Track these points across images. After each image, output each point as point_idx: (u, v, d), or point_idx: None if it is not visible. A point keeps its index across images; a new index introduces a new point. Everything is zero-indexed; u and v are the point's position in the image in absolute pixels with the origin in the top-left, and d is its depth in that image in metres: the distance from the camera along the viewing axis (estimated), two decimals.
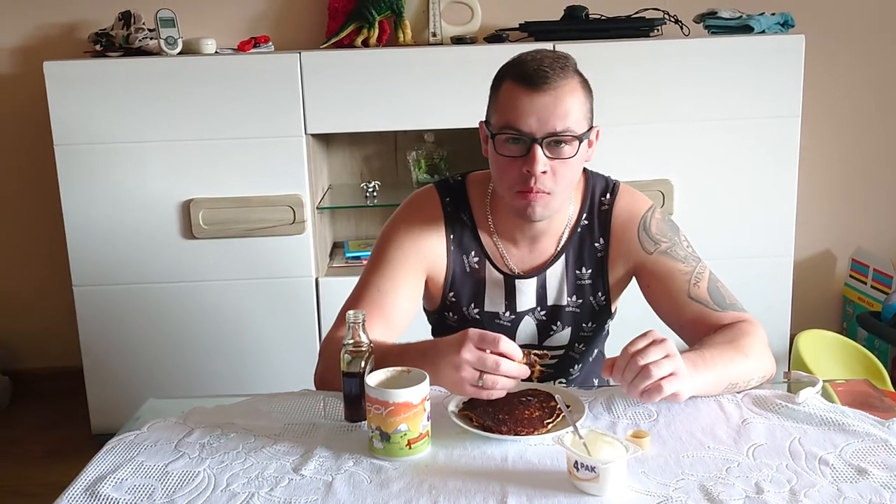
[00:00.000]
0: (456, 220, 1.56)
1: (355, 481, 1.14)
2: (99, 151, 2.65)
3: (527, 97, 1.37)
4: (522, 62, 1.41)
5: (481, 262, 1.56)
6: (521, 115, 1.38)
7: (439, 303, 1.60)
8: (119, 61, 2.66)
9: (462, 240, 1.56)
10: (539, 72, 1.37)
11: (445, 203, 1.57)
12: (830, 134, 3.24)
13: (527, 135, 1.38)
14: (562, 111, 1.37)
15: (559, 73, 1.38)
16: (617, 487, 1.09)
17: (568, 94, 1.38)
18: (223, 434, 1.29)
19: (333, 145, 3.10)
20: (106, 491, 1.14)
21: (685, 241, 1.54)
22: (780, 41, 2.71)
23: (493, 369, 1.23)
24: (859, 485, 1.10)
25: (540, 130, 1.37)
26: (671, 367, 1.21)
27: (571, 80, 1.40)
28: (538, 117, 1.37)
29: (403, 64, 2.66)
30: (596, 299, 1.57)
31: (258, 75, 2.63)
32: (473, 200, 1.57)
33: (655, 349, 1.22)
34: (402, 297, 1.51)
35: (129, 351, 2.78)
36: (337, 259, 2.99)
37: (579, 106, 1.40)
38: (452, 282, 1.57)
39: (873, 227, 3.36)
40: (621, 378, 1.23)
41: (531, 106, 1.37)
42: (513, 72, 1.41)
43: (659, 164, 2.73)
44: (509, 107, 1.39)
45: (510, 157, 1.41)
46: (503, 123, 1.40)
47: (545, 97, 1.37)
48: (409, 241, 1.53)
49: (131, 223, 2.69)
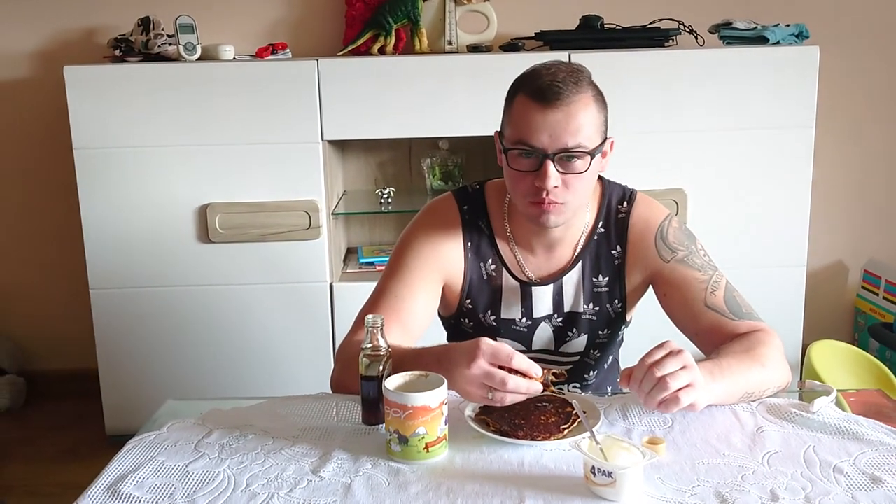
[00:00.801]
0: (473, 228, 1.57)
1: (373, 483, 1.16)
2: (117, 155, 2.68)
3: (539, 113, 1.38)
4: (536, 76, 1.41)
5: (498, 269, 1.57)
6: (533, 131, 1.38)
7: (455, 309, 1.61)
8: (138, 66, 2.69)
9: (479, 247, 1.57)
10: (552, 87, 1.37)
11: (463, 211, 1.58)
12: (844, 145, 3.24)
13: (539, 150, 1.39)
14: (574, 127, 1.38)
15: (572, 89, 1.38)
16: (633, 493, 1.10)
17: (581, 109, 1.39)
18: (242, 435, 1.31)
19: (349, 152, 3.13)
20: (128, 490, 1.15)
21: (702, 251, 1.55)
22: (794, 52, 2.72)
23: (500, 387, 1.22)
24: (874, 493, 1.11)
25: (552, 146, 1.38)
26: (688, 379, 1.22)
27: (585, 94, 1.40)
28: (550, 133, 1.38)
29: (419, 72, 2.69)
30: (613, 307, 1.58)
31: (275, 82, 2.65)
32: (491, 208, 1.59)
33: (672, 360, 1.22)
34: (419, 304, 1.53)
35: (144, 354, 2.80)
36: (351, 265, 3.01)
37: (592, 120, 1.41)
38: (469, 289, 1.58)
39: (886, 238, 3.35)
40: (638, 389, 1.24)
41: (543, 122, 1.38)
42: (526, 86, 1.41)
43: (673, 173, 2.74)
44: (522, 122, 1.40)
45: (523, 172, 1.42)
46: (516, 138, 1.41)
47: (557, 113, 1.37)
48: (426, 248, 1.55)
49: (148, 227, 2.72)
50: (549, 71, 1.41)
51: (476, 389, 1.25)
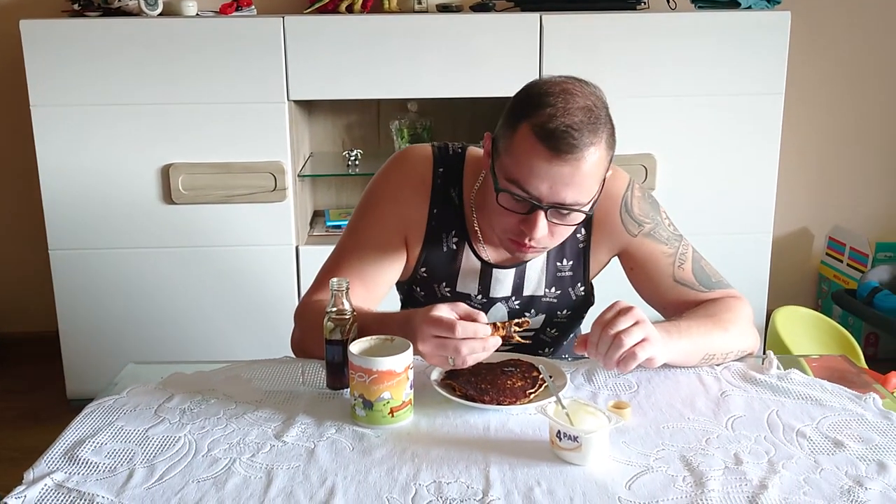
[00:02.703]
0: (443, 196, 1.48)
1: (337, 448, 1.14)
2: (77, 113, 2.61)
3: (545, 161, 1.23)
4: (549, 110, 1.23)
5: (460, 243, 1.49)
6: (532, 179, 1.25)
7: (409, 276, 1.54)
8: (98, 21, 2.61)
9: (446, 218, 1.48)
10: (567, 135, 1.22)
11: (437, 174, 1.48)
12: (811, 112, 3.26)
13: (534, 198, 1.26)
14: (577, 182, 1.25)
15: (587, 139, 1.23)
16: (599, 457, 1.10)
17: (590, 162, 1.25)
18: (204, 400, 1.29)
19: (315, 113, 3.07)
20: (85, 455, 1.13)
21: (667, 220, 1.50)
22: (766, 17, 2.71)
23: (454, 354, 1.20)
24: (836, 457, 1.12)
25: (548, 198, 1.26)
26: (642, 334, 1.21)
27: (598, 144, 1.25)
28: (551, 185, 1.25)
29: (388, 31, 2.63)
30: (575, 290, 1.54)
31: (240, 39, 2.59)
32: (467, 178, 1.48)
33: (624, 318, 1.22)
34: (383, 264, 1.48)
35: (106, 316, 2.76)
36: (317, 227, 2.98)
37: (598, 171, 1.28)
38: (427, 257, 1.51)
39: (850, 205, 3.39)
40: (595, 352, 1.23)
41: (547, 171, 1.24)
42: (536, 118, 1.24)
43: (642, 138, 2.73)
44: (523, 162, 1.25)
45: (509, 212, 1.31)
46: (512, 177, 1.27)
47: (564, 167, 1.23)
48: (392, 206, 1.48)
49: (109, 187, 2.66)
50: (565, 108, 1.23)
51: (435, 361, 1.24)
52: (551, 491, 1.04)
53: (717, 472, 1.08)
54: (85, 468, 1.10)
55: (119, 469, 1.10)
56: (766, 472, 1.08)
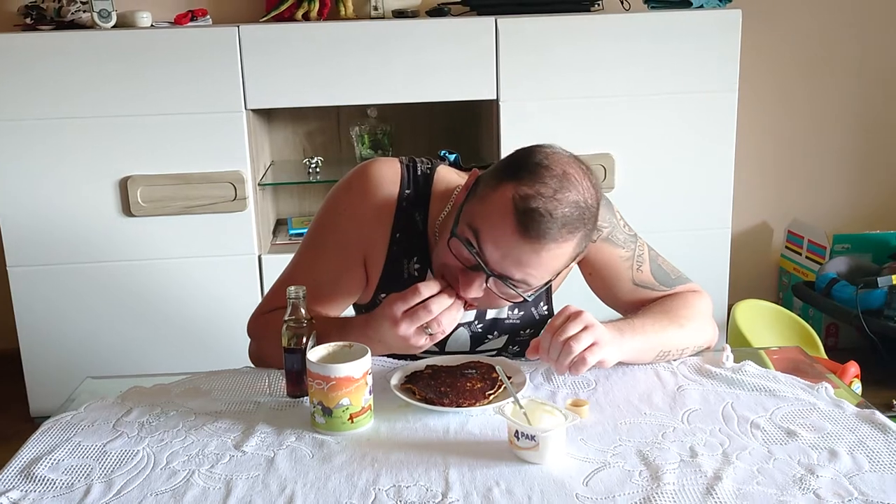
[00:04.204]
0: (407, 220, 1.41)
1: (297, 456, 1.14)
2: (31, 128, 2.58)
3: (511, 234, 1.18)
4: (537, 190, 1.17)
5: (422, 270, 1.43)
6: (491, 242, 1.20)
7: (369, 300, 1.48)
8: (51, 35, 2.58)
9: (408, 243, 1.42)
10: (542, 221, 1.16)
11: (403, 196, 1.40)
12: (766, 108, 3.31)
13: (484, 260, 1.21)
14: (533, 266, 1.20)
15: (561, 234, 1.18)
16: (556, 455, 1.11)
17: (553, 258, 1.20)
18: (163, 413, 1.28)
19: (275, 121, 3.07)
20: (42, 472, 1.12)
21: (622, 221, 1.48)
22: (717, 15, 2.75)
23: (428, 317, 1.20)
24: (788, 446, 1.13)
25: (498, 267, 1.21)
26: (591, 338, 1.22)
27: (570, 241, 1.20)
28: (505, 256, 1.20)
29: (345, 38, 2.64)
30: (538, 309, 1.51)
31: (196, 49, 2.58)
32: (433, 202, 1.41)
33: (573, 323, 1.23)
34: (340, 283, 1.43)
35: (68, 332, 2.73)
36: (280, 236, 2.97)
37: (558, 264, 1.23)
38: (386, 283, 1.44)
39: (808, 199, 3.45)
40: (547, 357, 1.24)
41: (507, 243, 1.19)
42: (522, 190, 1.17)
43: (600, 138, 2.76)
44: (490, 222, 1.20)
45: (453, 255, 1.25)
46: (474, 226, 1.21)
47: (525, 247, 1.18)
48: (351, 224, 1.41)
49: (67, 201, 2.63)
50: (555, 193, 1.17)
51: (415, 341, 1.23)
52: (510, 490, 1.05)
53: (673, 465, 1.09)
54: (41, 485, 1.09)
55: (76, 485, 1.09)
56: (721, 464, 1.09)
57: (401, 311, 1.21)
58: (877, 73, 3.33)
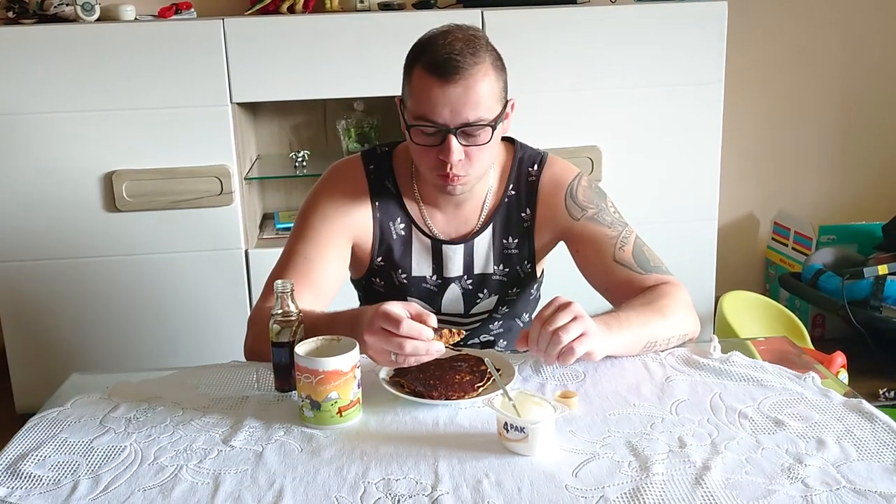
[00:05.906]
0: (380, 188, 1.56)
1: (286, 450, 1.14)
2: (15, 122, 2.56)
3: (438, 88, 1.35)
4: (432, 46, 1.37)
5: (408, 227, 1.56)
6: (433, 107, 1.36)
7: (366, 270, 1.60)
8: (33, 28, 2.56)
9: (388, 207, 1.56)
10: (450, 60, 1.34)
11: (370, 171, 1.57)
12: (752, 100, 3.32)
13: (441, 125, 1.37)
14: (473, 100, 1.36)
15: (469, 60, 1.35)
16: (546, 447, 1.11)
17: (479, 80, 1.36)
18: (150, 408, 1.27)
19: (261, 115, 3.05)
20: (28, 469, 1.11)
21: (612, 207, 1.57)
22: (703, 7, 2.76)
23: (399, 350, 1.21)
24: (776, 436, 1.14)
25: (453, 121, 1.37)
26: (580, 329, 1.24)
27: (482, 63, 1.37)
28: (451, 108, 1.36)
29: (331, 31, 2.62)
30: (522, 267, 1.60)
31: (180, 43, 2.56)
32: (398, 169, 1.57)
33: (562, 314, 1.24)
34: (330, 265, 1.51)
35: (54, 328, 2.71)
36: (267, 230, 2.95)
37: (491, 89, 1.38)
38: (380, 247, 1.57)
39: (795, 190, 3.46)
40: (536, 348, 1.26)
41: (443, 97, 1.35)
42: (423, 57, 1.38)
43: (587, 130, 2.75)
44: (422, 98, 1.37)
45: (426, 146, 1.41)
46: (417, 113, 1.39)
47: (457, 88, 1.35)
48: (332, 209, 1.53)
49: (52, 197, 2.61)
50: (445, 41, 1.37)
51: (380, 359, 1.25)
52: (499, 482, 1.05)
53: (662, 455, 1.10)
54: (28, 482, 1.08)
55: (63, 481, 1.08)
56: (710, 454, 1.10)
57: (379, 326, 1.22)
58: (861, 65, 3.35)
